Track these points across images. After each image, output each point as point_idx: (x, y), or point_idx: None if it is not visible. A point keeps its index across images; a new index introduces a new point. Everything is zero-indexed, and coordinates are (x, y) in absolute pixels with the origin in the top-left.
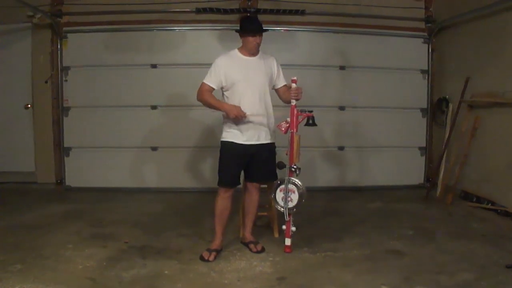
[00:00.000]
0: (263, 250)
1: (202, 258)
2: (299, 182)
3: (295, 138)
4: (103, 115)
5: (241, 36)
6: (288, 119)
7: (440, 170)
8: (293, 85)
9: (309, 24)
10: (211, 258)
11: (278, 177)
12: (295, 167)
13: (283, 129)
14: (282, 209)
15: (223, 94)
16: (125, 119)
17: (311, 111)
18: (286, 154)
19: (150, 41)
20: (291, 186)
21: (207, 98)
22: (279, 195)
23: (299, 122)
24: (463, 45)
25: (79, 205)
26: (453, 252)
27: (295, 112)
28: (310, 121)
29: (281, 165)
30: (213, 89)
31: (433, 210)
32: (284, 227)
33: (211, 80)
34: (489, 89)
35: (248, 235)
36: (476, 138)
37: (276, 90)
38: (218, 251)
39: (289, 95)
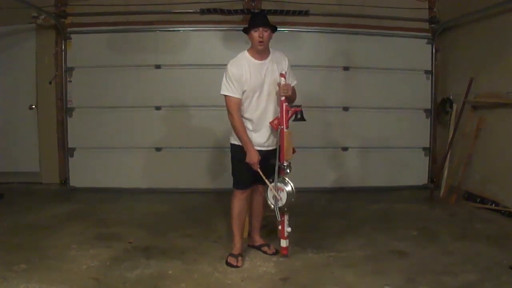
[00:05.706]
0: (277, 251)
1: (230, 265)
2: (289, 181)
3: (285, 134)
4: (107, 116)
5: (248, 35)
6: (279, 115)
7: (444, 171)
8: (282, 80)
9: (313, 24)
10: (239, 264)
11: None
12: (285, 164)
13: (275, 125)
14: (273, 206)
15: None
16: (129, 119)
17: (299, 106)
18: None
19: (154, 41)
20: (280, 185)
21: (240, 126)
22: (270, 194)
23: (289, 118)
24: (467, 46)
25: (84, 205)
26: (456, 253)
27: (285, 107)
28: (299, 116)
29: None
30: (241, 100)
31: (437, 210)
32: (279, 227)
33: (234, 89)
34: (493, 89)
35: (259, 238)
36: (480, 138)
37: None
38: (242, 255)
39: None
